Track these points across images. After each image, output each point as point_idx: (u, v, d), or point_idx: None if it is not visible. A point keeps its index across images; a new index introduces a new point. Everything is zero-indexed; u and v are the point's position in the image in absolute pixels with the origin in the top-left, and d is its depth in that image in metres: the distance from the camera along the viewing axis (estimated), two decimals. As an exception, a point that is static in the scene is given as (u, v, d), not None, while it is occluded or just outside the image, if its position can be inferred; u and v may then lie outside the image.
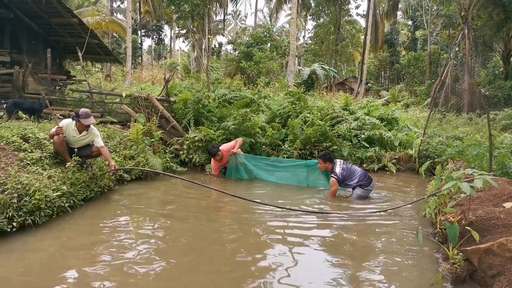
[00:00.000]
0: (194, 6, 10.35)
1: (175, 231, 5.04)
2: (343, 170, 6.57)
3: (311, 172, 7.39)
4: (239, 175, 7.93)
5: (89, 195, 5.97)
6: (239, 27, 59.27)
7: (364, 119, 10.39)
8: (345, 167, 6.65)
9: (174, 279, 3.64)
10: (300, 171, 7.51)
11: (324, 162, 6.81)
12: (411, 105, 22.67)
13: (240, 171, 7.92)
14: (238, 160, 7.88)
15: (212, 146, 7.98)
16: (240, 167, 7.91)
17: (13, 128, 6.65)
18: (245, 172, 7.92)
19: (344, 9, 32.22)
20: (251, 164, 7.93)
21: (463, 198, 4.66)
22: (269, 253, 4.25)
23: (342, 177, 6.51)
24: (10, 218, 4.50)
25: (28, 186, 4.87)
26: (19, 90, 10.93)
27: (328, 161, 6.77)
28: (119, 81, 23.54)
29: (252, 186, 7.62)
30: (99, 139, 6.35)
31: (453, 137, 10.31)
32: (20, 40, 14.25)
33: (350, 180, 6.53)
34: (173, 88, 10.98)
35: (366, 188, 6.50)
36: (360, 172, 6.63)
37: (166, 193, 7.21)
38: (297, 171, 7.55)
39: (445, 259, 3.94)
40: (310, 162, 7.50)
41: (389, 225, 5.32)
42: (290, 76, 19.38)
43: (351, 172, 6.57)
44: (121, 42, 40.30)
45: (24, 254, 4.06)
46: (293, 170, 7.61)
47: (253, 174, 7.90)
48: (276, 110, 10.49)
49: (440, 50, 32.02)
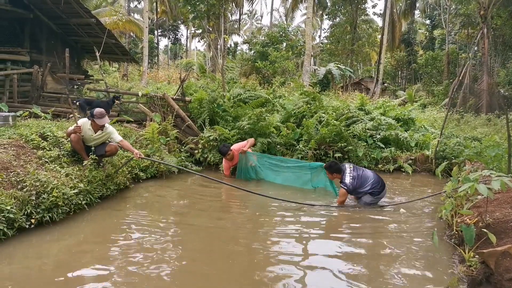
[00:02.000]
0: (210, 6, 10.39)
1: (189, 229, 5.09)
2: (353, 179, 5.98)
3: (315, 174, 7.23)
4: (248, 175, 7.94)
5: (105, 193, 6.06)
6: (254, 27, 59.33)
7: (379, 119, 10.30)
8: (355, 174, 6.04)
9: (189, 277, 3.67)
10: (304, 173, 7.38)
11: (332, 174, 6.35)
12: (428, 105, 22.37)
13: (250, 171, 7.93)
14: (249, 162, 7.88)
15: (223, 145, 8.02)
16: (249, 167, 7.92)
17: (32, 127, 6.79)
18: (253, 173, 7.92)
19: (361, 9, 31.88)
20: (258, 163, 7.90)
21: (480, 200, 4.60)
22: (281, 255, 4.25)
23: (353, 187, 5.96)
24: (29, 215, 4.59)
25: (46, 184, 4.95)
26: (38, 89, 11.13)
27: (336, 172, 6.25)
28: (136, 81, 23.77)
29: (261, 185, 7.64)
30: (116, 135, 6.45)
31: (471, 138, 10.16)
32: (40, 40, 14.51)
33: (362, 188, 5.99)
34: (188, 87, 11.06)
35: (376, 196, 6.01)
36: (373, 178, 6.06)
37: (181, 192, 7.27)
38: (301, 172, 7.43)
39: (461, 261, 3.89)
40: (314, 165, 7.33)
41: (405, 226, 5.29)
42: (306, 76, 19.30)
43: (363, 180, 6.00)
44: (138, 42, 40.70)
45: (41, 250, 4.14)
46: (297, 171, 7.49)
47: (261, 175, 7.87)
48: (291, 110, 10.47)
49: (459, 49, 31.53)
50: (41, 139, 6.27)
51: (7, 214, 4.26)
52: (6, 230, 4.20)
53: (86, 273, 3.64)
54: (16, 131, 6.31)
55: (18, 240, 4.28)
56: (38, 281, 3.50)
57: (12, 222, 4.32)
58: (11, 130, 6.37)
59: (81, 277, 3.56)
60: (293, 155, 9.05)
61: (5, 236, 4.19)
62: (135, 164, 7.36)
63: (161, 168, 7.81)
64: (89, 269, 3.72)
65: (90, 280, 3.51)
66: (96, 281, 3.48)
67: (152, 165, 7.72)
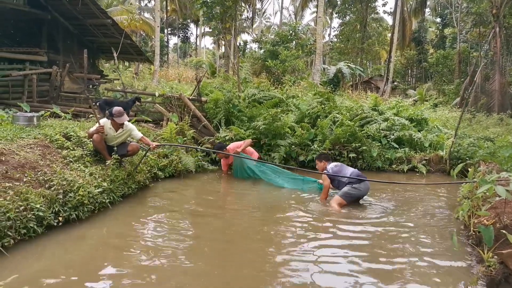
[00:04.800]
0: (226, 8, 10.49)
1: (208, 228, 5.25)
2: (335, 166, 6.52)
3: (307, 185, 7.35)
4: (245, 174, 8.00)
5: (127, 191, 6.20)
6: (263, 25, 59.30)
7: (393, 119, 10.35)
8: (338, 164, 6.66)
9: (207, 276, 3.80)
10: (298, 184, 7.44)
11: (320, 162, 6.81)
12: (439, 104, 22.30)
13: (246, 171, 7.98)
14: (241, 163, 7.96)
15: (219, 143, 8.14)
16: (246, 167, 7.97)
17: (55, 127, 6.97)
18: (250, 171, 7.96)
19: (371, 7, 31.81)
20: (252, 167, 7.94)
21: (497, 201, 4.67)
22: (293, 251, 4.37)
23: (333, 171, 6.38)
24: (56, 213, 4.74)
25: (72, 183, 5.12)
26: (56, 89, 11.33)
27: (324, 160, 6.78)
28: (147, 79, 23.97)
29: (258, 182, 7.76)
30: (136, 131, 6.65)
31: (484, 138, 10.18)
32: (57, 41, 14.75)
33: (342, 175, 6.28)
34: (204, 88, 11.19)
35: (354, 186, 6.17)
36: (353, 170, 6.46)
37: (199, 190, 7.45)
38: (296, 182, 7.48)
39: (479, 262, 3.96)
40: (308, 179, 7.44)
41: (422, 225, 5.37)
42: (316, 75, 19.35)
43: (342, 169, 6.42)
44: (148, 40, 40.95)
45: (68, 247, 4.29)
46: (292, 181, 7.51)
47: (257, 174, 7.88)
48: (305, 110, 10.57)
49: (470, 48, 31.32)
50: (65, 139, 6.44)
51: (36, 212, 4.41)
52: (36, 228, 4.35)
53: (109, 270, 3.78)
54: (40, 131, 6.49)
55: (47, 237, 4.43)
56: (63, 277, 3.61)
57: (41, 220, 4.47)
58: (36, 130, 6.55)
59: (104, 274, 3.70)
60: (308, 155, 9.16)
61: (35, 233, 4.34)
62: (153, 163, 7.52)
63: (178, 167, 7.95)
64: (112, 266, 3.87)
65: (112, 277, 3.64)
66: (118, 279, 3.61)
67: (170, 165, 7.87)
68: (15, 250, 4.02)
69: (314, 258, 4.20)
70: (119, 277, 3.64)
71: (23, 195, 4.45)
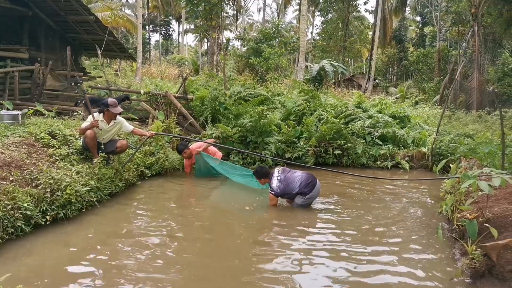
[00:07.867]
0: (212, 6, 10.47)
1: (195, 225, 5.31)
2: (280, 182, 5.85)
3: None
4: (207, 173, 7.89)
5: (114, 190, 6.17)
6: (246, 22, 59.20)
7: (377, 117, 10.50)
8: (282, 177, 5.90)
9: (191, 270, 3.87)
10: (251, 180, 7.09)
11: (260, 179, 6.29)
12: (420, 102, 22.71)
13: (209, 169, 7.83)
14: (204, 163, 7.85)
15: (181, 143, 8.04)
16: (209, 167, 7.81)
17: (40, 125, 6.89)
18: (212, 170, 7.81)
19: (353, 5, 32.14)
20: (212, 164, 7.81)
21: (480, 196, 4.82)
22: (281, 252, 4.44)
23: (281, 190, 5.86)
24: (44, 212, 4.71)
25: (59, 181, 5.08)
26: (39, 87, 11.16)
27: (263, 177, 6.18)
28: (129, 77, 23.69)
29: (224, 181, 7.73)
30: (127, 124, 6.72)
31: (463, 135, 10.43)
32: (38, 37, 14.48)
33: (290, 189, 5.86)
34: (189, 85, 11.16)
35: (306, 196, 5.84)
36: (301, 178, 5.88)
37: (186, 188, 7.47)
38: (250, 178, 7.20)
39: (463, 255, 4.08)
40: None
41: (405, 220, 5.50)
42: (300, 72, 19.49)
43: (290, 181, 5.85)
44: (129, 37, 40.50)
45: (56, 246, 4.28)
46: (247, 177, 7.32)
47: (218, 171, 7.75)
48: (291, 108, 10.66)
49: (449, 47, 31.95)
50: (50, 137, 6.37)
51: (24, 211, 4.38)
52: (23, 227, 4.33)
53: (98, 268, 3.80)
54: (25, 130, 6.41)
55: (35, 236, 4.41)
56: (52, 275, 3.63)
57: (29, 219, 4.44)
58: (20, 129, 6.47)
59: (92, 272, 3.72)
60: (294, 152, 9.25)
61: (23, 232, 4.32)
62: (140, 161, 7.49)
63: (165, 165, 7.94)
64: (100, 264, 3.89)
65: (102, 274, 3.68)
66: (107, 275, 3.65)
67: (157, 163, 7.85)
68: (3, 249, 4.00)
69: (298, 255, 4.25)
70: (108, 274, 3.67)
71: (10, 194, 4.41)
